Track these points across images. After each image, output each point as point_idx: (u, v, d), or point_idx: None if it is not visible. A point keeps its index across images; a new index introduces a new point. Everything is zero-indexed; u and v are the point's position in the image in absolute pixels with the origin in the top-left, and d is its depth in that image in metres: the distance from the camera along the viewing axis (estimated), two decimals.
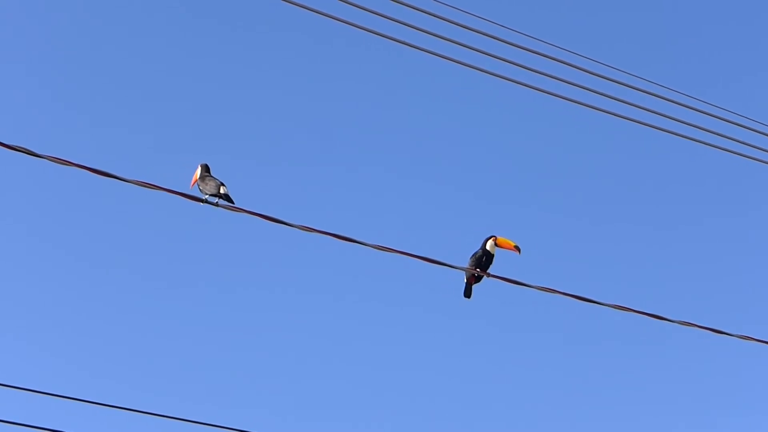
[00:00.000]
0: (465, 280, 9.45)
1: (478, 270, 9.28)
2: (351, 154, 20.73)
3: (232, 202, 7.92)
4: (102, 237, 18.87)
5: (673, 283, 20.29)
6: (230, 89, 20.72)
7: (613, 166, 21.84)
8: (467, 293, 9.51)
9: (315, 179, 20.23)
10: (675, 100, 8.28)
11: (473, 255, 9.42)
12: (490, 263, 9.39)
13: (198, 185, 8.28)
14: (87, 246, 18.75)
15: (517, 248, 9.50)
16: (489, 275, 9.30)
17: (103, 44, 20.11)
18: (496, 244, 9.43)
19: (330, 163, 20.48)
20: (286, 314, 18.92)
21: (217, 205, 7.82)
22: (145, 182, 6.36)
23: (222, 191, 8.08)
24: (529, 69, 7.72)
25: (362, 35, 7.07)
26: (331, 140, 20.66)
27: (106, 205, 18.96)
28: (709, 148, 8.51)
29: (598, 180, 21.68)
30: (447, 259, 7.60)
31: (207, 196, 8.02)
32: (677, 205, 21.56)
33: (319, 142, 20.62)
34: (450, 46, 7.43)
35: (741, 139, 8.59)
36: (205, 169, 8.46)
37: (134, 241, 18.99)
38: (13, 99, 19.00)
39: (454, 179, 20.81)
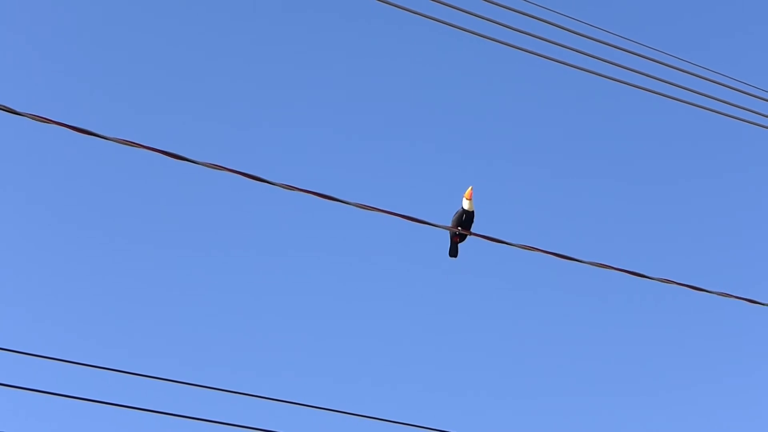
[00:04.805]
0: (450, 240, 9.51)
1: (459, 228, 9.31)
2: (334, 114, 20.67)
3: None
4: (82, 196, 18.81)
5: (653, 241, 20.40)
6: (213, 53, 20.60)
7: (594, 122, 21.86)
8: (453, 252, 9.56)
9: (297, 139, 20.19)
10: (655, 58, 8.31)
11: (455, 214, 9.45)
12: (471, 220, 9.42)
13: None
14: (68, 205, 18.69)
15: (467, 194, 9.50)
16: (471, 233, 9.32)
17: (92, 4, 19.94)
18: (465, 199, 9.46)
19: (311, 124, 20.43)
20: (267, 274, 18.94)
21: None
22: (125, 140, 6.32)
23: None
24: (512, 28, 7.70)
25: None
26: (312, 100, 20.59)
27: (87, 163, 18.89)
28: (691, 105, 8.53)
29: (579, 136, 21.70)
30: (431, 219, 7.58)
31: None
32: (658, 162, 21.63)
33: (299, 103, 20.56)
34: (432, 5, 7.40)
35: (722, 98, 8.62)
36: None
37: (114, 200, 18.94)
38: None
39: (436, 137, 20.79)
